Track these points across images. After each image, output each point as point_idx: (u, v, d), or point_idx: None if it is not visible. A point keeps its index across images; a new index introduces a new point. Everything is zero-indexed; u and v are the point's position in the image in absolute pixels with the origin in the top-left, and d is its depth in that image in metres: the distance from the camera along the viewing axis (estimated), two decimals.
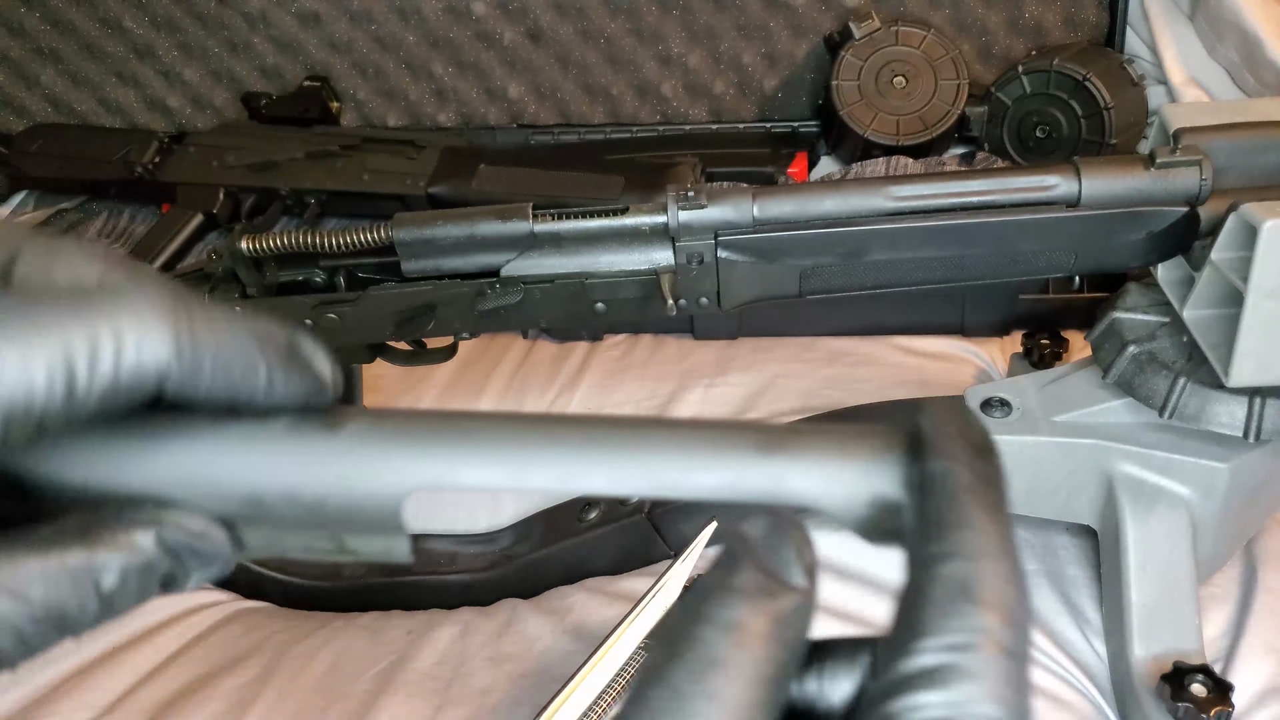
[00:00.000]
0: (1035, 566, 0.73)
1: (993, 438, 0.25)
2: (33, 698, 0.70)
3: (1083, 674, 0.66)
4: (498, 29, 1.13)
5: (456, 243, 0.63)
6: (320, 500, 0.26)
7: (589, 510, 0.76)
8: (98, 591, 0.25)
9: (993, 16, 1.07)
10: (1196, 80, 1.01)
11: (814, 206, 0.61)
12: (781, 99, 1.14)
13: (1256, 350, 0.56)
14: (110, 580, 0.25)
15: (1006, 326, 0.98)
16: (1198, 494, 0.64)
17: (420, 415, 0.27)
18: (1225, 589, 0.71)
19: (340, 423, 0.27)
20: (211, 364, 0.25)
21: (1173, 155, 0.58)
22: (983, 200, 0.60)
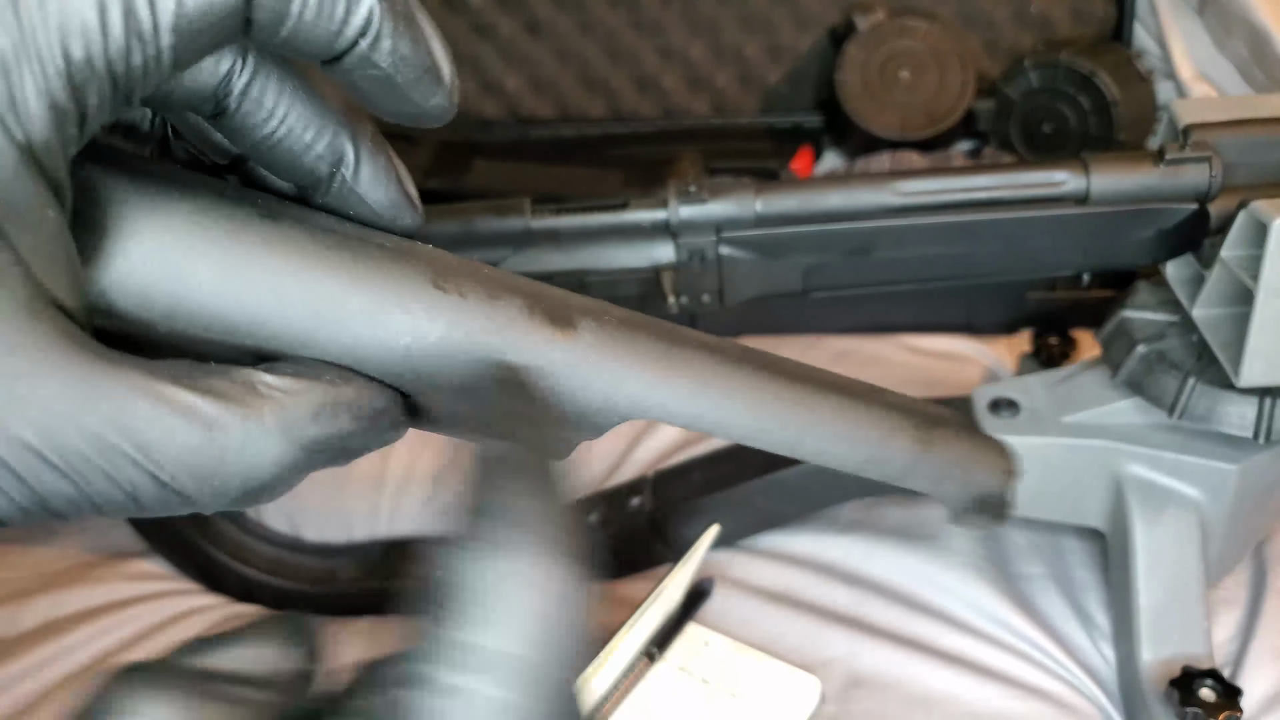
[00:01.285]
0: (1043, 570, 0.72)
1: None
2: (26, 702, 0.69)
3: (1090, 679, 0.66)
4: (494, 21, 1.12)
5: (452, 239, 0.62)
6: (539, 403, 0.24)
7: (589, 513, 0.75)
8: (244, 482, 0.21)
9: (999, 10, 1.06)
10: (1205, 75, 1.01)
11: (818, 202, 0.60)
12: (785, 92, 1.13)
13: (1267, 350, 0.56)
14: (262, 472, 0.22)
15: (1014, 325, 0.97)
16: (1207, 496, 0.63)
17: (647, 331, 0.26)
18: (1234, 592, 0.70)
19: (572, 323, 0.24)
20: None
21: (1182, 151, 0.58)
22: (990, 196, 0.60)
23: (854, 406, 0.27)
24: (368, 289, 0.23)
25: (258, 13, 0.20)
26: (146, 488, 0.20)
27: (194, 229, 0.21)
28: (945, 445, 0.28)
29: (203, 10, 0.19)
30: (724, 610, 0.70)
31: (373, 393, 0.23)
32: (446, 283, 0.24)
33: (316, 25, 0.21)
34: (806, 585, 0.72)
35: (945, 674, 0.65)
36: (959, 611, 0.69)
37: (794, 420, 0.26)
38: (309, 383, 0.22)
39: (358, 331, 0.22)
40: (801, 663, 0.66)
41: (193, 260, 0.21)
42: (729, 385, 0.26)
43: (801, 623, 0.69)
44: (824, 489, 0.71)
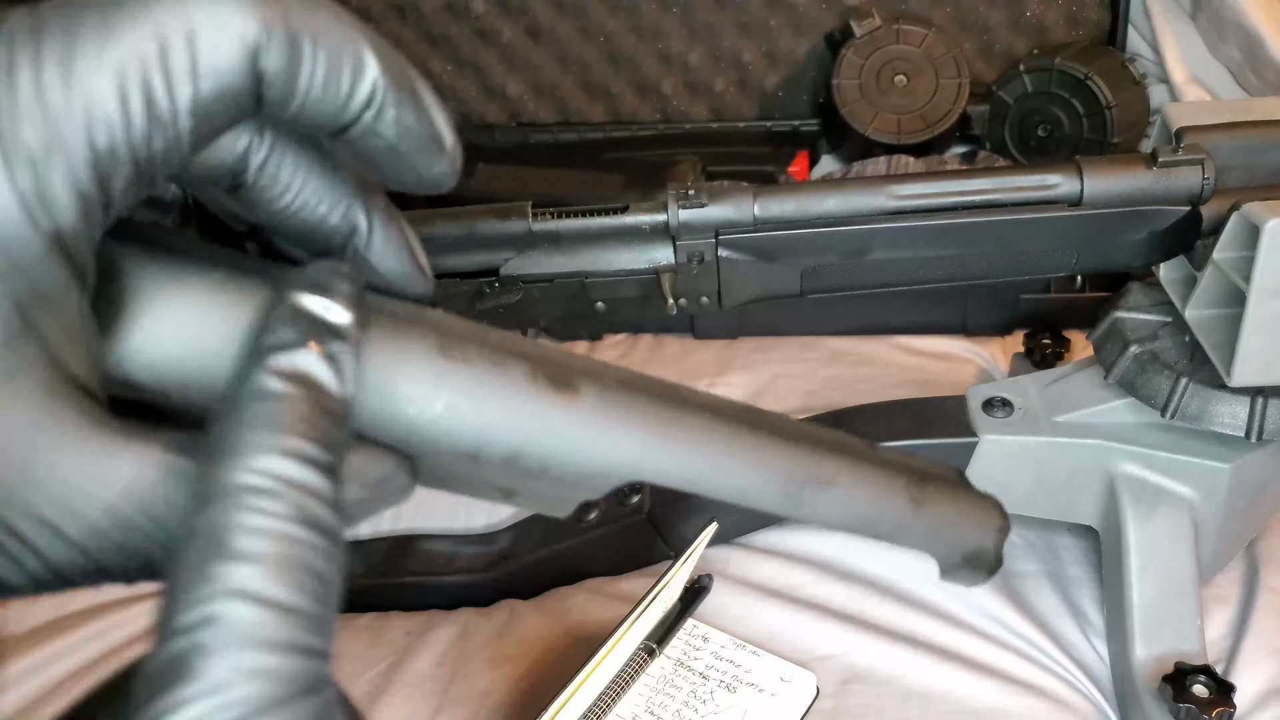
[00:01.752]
0: (1036, 567, 0.73)
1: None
2: (32, 699, 0.69)
3: (1084, 675, 0.66)
4: (496, 26, 1.13)
5: (455, 241, 0.63)
6: (542, 467, 0.25)
7: (589, 510, 0.76)
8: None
9: (994, 15, 1.07)
10: (1198, 79, 1.01)
11: (815, 205, 0.61)
12: (782, 97, 1.14)
13: (1259, 350, 0.56)
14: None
15: (1008, 326, 0.98)
16: (1200, 494, 0.64)
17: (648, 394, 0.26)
18: (1227, 590, 0.70)
19: (575, 388, 0.25)
20: (311, 44, 0.21)
21: (1175, 154, 0.58)
22: (984, 199, 0.60)
23: (852, 468, 0.27)
24: (375, 360, 0.23)
25: (268, 90, 0.21)
26: (160, 558, 0.21)
27: (209, 304, 0.22)
28: (937, 503, 0.28)
29: (217, 92, 0.20)
30: (722, 606, 0.70)
31: (380, 459, 0.23)
32: (453, 351, 0.24)
33: (324, 99, 0.21)
34: (803, 582, 0.72)
35: (940, 669, 0.66)
36: (954, 608, 0.70)
37: (791, 485, 0.27)
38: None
39: (365, 402, 0.23)
40: (798, 658, 0.66)
41: (207, 334, 0.22)
42: (726, 448, 0.26)
43: (798, 618, 0.69)
44: None
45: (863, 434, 0.70)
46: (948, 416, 0.69)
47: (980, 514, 0.29)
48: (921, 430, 0.69)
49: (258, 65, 0.20)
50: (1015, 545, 0.74)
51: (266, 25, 0.20)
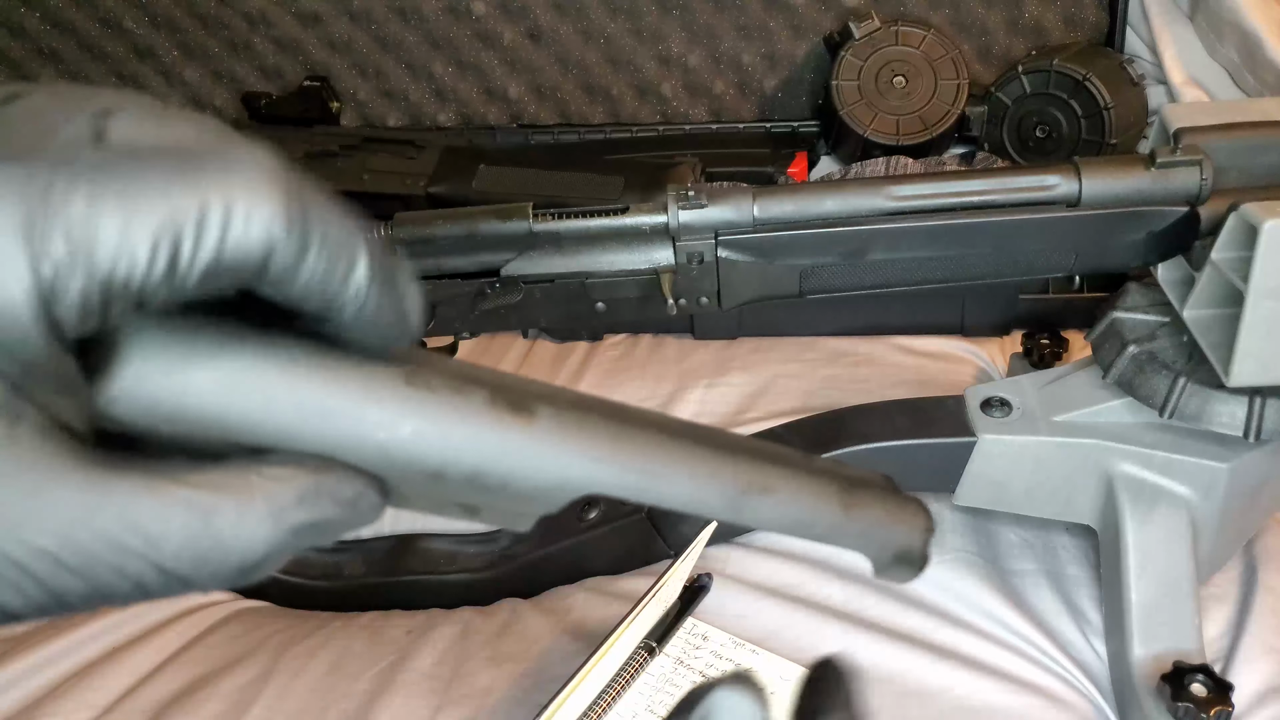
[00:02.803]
0: (1035, 566, 0.73)
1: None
2: (33, 697, 0.70)
3: (1082, 674, 0.66)
4: (498, 29, 1.13)
5: (456, 242, 0.63)
6: (502, 484, 0.26)
7: (589, 510, 0.76)
8: (239, 563, 0.23)
9: (993, 16, 1.07)
10: (1196, 80, 1.01)
11: (814, 206, 0.61)
12: (781, 99, 1.14)
13: (1257, 350, 0.56)
14: (254, 554, 0.23)
15: (1006, 326, 0.98)
16: (1198, 494, 0.64)
17: (601, 413, 0.28)
18: (1225, 589, 0.71)
19: (531, 410, 0.27)
20: (318, 248, 0.23)
21: (1173, 155, 0.58)
22: (983, 200, 0.60)
23: (788, 476, 0.29)
24: (347, 391, 0.25)
25: (271, 273, 0.23)
26: (151, 576, 0.22)
27: (193, 344, 0.24)
28: (866, 507, 0.31)
29: (230, 263, 0.22)
30: (721, 605, 0.71)
31: (352, 479, 0.25)
32: (417, 379, 0.26)
33: (318, 290, 0.24)
34: (802, 581, 0.72)
35: (939, 668, 0.66)
36: (952, 607, 0.70)
37: (734, 492, 0.29)
38: (294, 472, 0.24)
39: (338, 428, 0.25)
40: (797, 656, 0.67)
41: (192, 373, 0.24)
42: (673, 461, 0.28)
43: (797, 617, 0.69)
44: None
45: (862, 434, 0.70)
46: (946, 416, 0.69)
47: (907, 515, 0.32)
48: (920, 430, 0.69)
49: (269, 256, 0.23)
50: (1013, 544, 0.74)
51: (288, 222, 0.23)
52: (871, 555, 0.32)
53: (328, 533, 0.25)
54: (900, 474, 0.69)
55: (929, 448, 0.68)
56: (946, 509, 0.76)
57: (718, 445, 0.29)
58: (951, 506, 0.75)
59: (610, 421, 0.28)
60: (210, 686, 0.69)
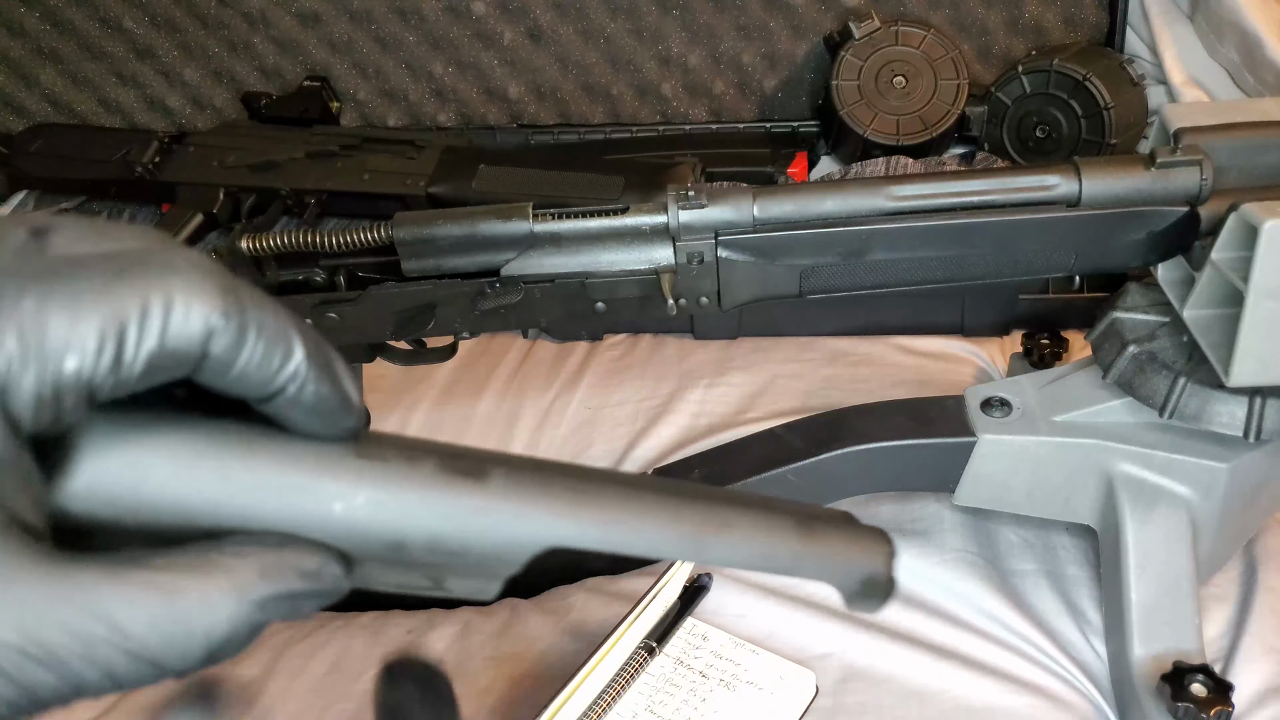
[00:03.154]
0: (1035, 566, 0.73)
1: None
2: None
3: (1082, 674, 0.66)
4: (498, 29, 1.13)
5: (457, 242, 0.63)
6: (462, 548, 0.27)
7: None
8: (205, 640, 0.24)
9: (993, 16, 1.07)
10: (1196, 80, 1.01)
11: (814, 206, 0.61)
12: (781, 99, 1.14)
13: (1257, 350, 0.56)
14: (219, 628, 0.24)
15: (1006, 326, 0.98)
16: (1198, 494, 0.64)
17: (553, 471, 0.29)
18: (1225, 589, 0.71)
19: (484, 473, 0.28)
20: (255, 336, 0.25)
21: (1173, 155, 0.58)
22: (983, 200, 0.60)
23: (744, 513, 0.30)
24: (300, 466, 0.26)
25: (211, 361, 0.25)
26: (120, 662, 0.23)
27: (148, 436, 0.25)
28: (825, 536, 0.31)
29: (172, 354, 0.24)
30: (721, 605, 0.71)
31: (313, 552, 0.26)
32: (368, 452, 0.27)
33: (256, 375, 0.25)
34: (802, 580, 0.72)
35: (939, 668, 0.66)
36: (952, 607, 0.70)
37: (693, 533, 0.29)
38: (255, 548, 0.25)
39: (295, 502, 0.26)
40: (797, 656, 0.67)
41: (150, 463, 0.25)
42: (631, 511, 0.29)
43: (797, 617, 0.69)
44: (819, 486, 0.72)
45: (862, 434, 0.70)
46: (946, 416, 0.69)
47: (868, 542, 0.32)
48: (920, 430, 0.69)
49: (209, 343, 0.24)
50: (1013, 544, 0.74)
51: (225, 314, 0.24)
52: (838, 584, 0.32)
53: (294, 607, 0.26)
54: (900, 474, 0.70)
55: (929, 448, 0.68)
56: (946, 509, 0.76)
57: (672, 492, 0.30)
58: (951, 506, 0.75)
59: (564, 478, 0.29)
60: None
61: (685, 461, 0.76)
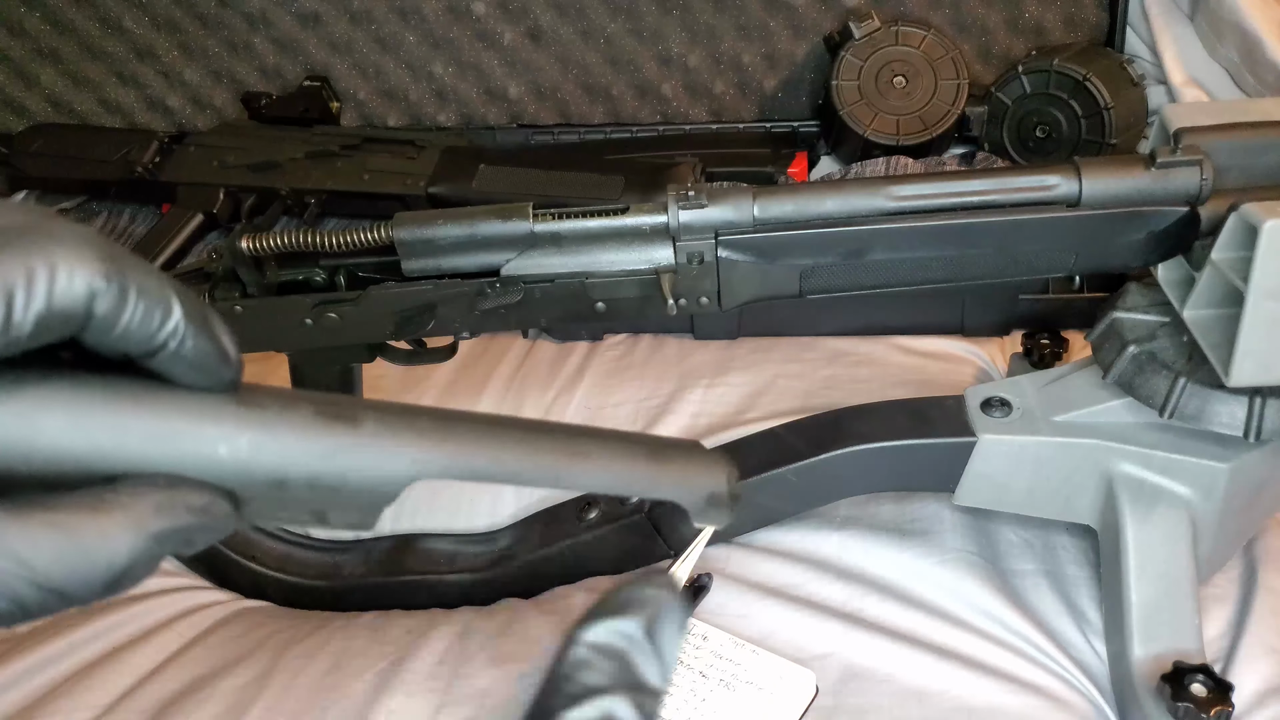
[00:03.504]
0: (1035, 566, 0.73)
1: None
2: (33, 697, 0.70)
3: (1083, 674, 0.66)
4: (498, 29, 1.13)
5: (457, 242, 0.63)
6: (340, 484, 0.30)
7: (589, 510, 0.76)
8: (107, 569, 0.26)
9: (993, 16, 1.07)
10: (1197, 80, 1.01)
11: (814, 206, 0.61)
12: (781, 99, 1.14)
13: (1257, 350, 0.56)
14: (119, 559, 0.26)
15: (1007, 326, 0.98)
16: (1198, 494, 0.64)
17: (422, 413, 0.31)
18: (1225, 589, 0.71)
19: (356, 417, 0.30)
20: (135, 296, 0.27)
21: (1173, 155, 0.58)
22: (983, 200, 0.60)
23: (599, 443, 0.33)
24: (185, 414, 0.28)
25: (96, 321, 0.27)
26: (27, 593, 0.25)
27: (39, 391, 0.27)
28: (674, 459, 0.35)
29: (59, 314, 0.26)
30: (721, 605, 0.71)
31: (201, 491, 0.28)
32: (248, 400, 0.29)
33: (139, 332, 0.27)
34: (802, 581, 0.72)
35: (939, 668, 0.66)
36: (952, 607, 0.70)
37: (553, 461, 0.32)
38: (148, 488, 0.27)
39: (182, 447, 0.28)
40: (797, 657, 0.67)
41: (42, 415, 0.27)
42: (493, 443, 0.32)
43: (797, 617, 0.70)
44: (819, 486, 0.72)
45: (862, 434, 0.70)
46: (946, 416, 0.69)
47: (711, 463, 0.36)
48: (920, 430, 0.69)
49: (93, 303, 0.26)
50: (1013, 544, 0.74)
51: (106, 276, 0.26)
52: (687, 502, 0.36)
53: (187, 539, 0.28)
54: (900, 474, 0.70)
55: (929, 448, 0.68)
56: (946, 509, 0.76)
57: (533, 428, 0.33)
58: (951, 506, 0.75)
59: (430, 418, 0.31)
60: (210, 686, 0.69)
61: None
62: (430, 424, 0.31)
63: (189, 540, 0.28)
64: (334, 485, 0.30)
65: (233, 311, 0.67)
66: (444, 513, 0.84)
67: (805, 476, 0.71)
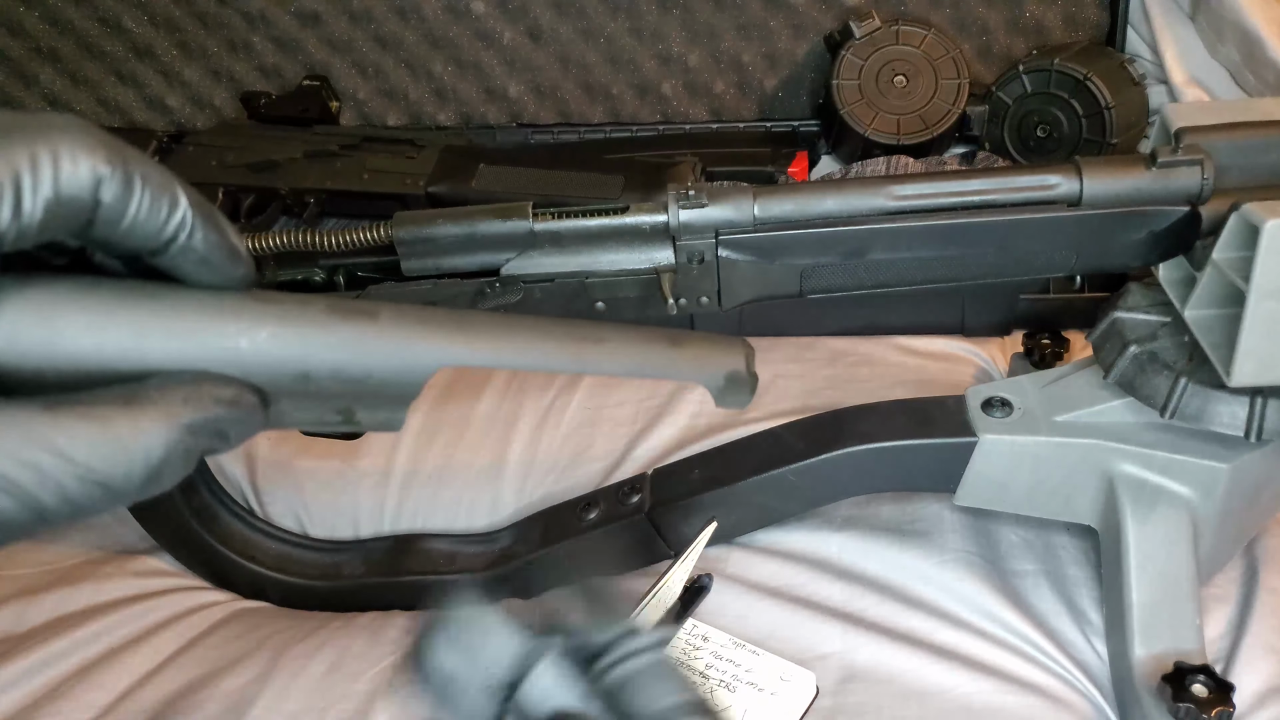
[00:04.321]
0: (1035, 566, 0.73)
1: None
2: (33, 698, 0.69)
3: (1083, 674, 0.66)
4: (497, 28, 1.13)
5: (456, 242, 0.63)
6: (364, 375, 0.30)
7: (589, 510, 0.76)
8: (145, 460, 0.26)
9: (993, 16, 1.07)
10: (1197, 80, 1.01)
11: (815, 206, 0.61)
12: (782, 98, 1.14)
13: (1258, 350, 0.56)
14: (155, 449, 0.27)
15: (1007, 326, 0.98)
16: (1199, 494, 0.64)
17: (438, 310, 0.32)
18: (1226, 589, 0.71)
19: (375, 310, 0.30)
20: (140, 185, 0.27)
21: (1174, 155, 0.58)
22: (984, 200, 0.60)
23: (616, 329, 0.34)
24: (204, 310, 0.29)
25: (104, 210, 0.27)
26: (70, 484, 0.25)
27: (58, 293, 0.27)
28: (692, 343, 0.36)
29: (67, 201, 0.26)
30: (721, 605, 0.70)
31: (228, 383, 0.28)
32: (263, 297, 0.30)
33: (147, 222, 0.28)
34: (803, 581, 0.72)
35: (939, 668, 0.66)
36: (953, 607, 0.70)
37: (572, 346, 0.33)
38: (175, 383, 0.28)
39: (204, 341, 0.28)
40: (797, 657, 0.66)
41: (63, 316, 0.27)
42: (511, 330, 0.32)
43: (798, 618, 0.69)
44: (819, 486, 0.72)
45: (862, 434, 0.70)
46: (947, 416, 0.69)
47: (728, 344, 0.37)
48: (920, 430, 0.69)
49: (99, 190, 0.27)
50: (1013, 544, 0.74)
51: (109, 162, 0.27)
52: (707, 382, 0.36)
53: (219, 431, 0.28)
54: (901, 474, 0.70)
55: (929, 448, 0.68)
56: (947, 509, 0.76)
57: (549, 321, 0.33)
58: (952, 507, 0.75)
59: (447, 313, 0.32)
60: (210, 687, 0.69)
61: (686, 461, 0.76)
62: (447, 316, 0.31)
63: (221, 432, 0.28)
64: (358, 376, 0.30)
65: None
66: (444, 513, 0.84)
67: (805, 476, 0.70)
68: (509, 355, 0.32)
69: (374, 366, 0.30)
